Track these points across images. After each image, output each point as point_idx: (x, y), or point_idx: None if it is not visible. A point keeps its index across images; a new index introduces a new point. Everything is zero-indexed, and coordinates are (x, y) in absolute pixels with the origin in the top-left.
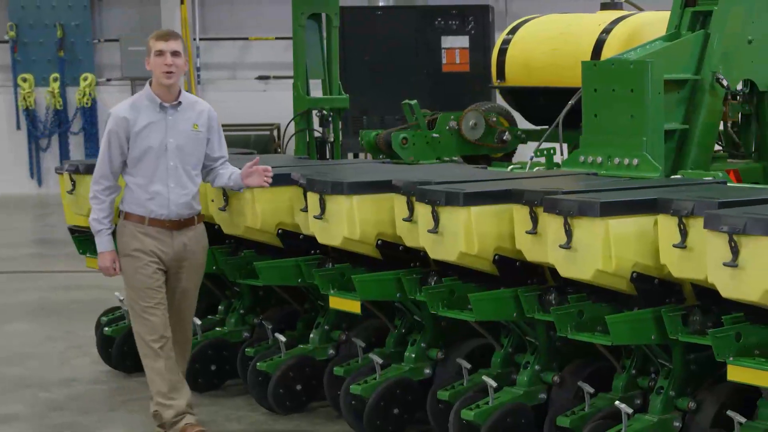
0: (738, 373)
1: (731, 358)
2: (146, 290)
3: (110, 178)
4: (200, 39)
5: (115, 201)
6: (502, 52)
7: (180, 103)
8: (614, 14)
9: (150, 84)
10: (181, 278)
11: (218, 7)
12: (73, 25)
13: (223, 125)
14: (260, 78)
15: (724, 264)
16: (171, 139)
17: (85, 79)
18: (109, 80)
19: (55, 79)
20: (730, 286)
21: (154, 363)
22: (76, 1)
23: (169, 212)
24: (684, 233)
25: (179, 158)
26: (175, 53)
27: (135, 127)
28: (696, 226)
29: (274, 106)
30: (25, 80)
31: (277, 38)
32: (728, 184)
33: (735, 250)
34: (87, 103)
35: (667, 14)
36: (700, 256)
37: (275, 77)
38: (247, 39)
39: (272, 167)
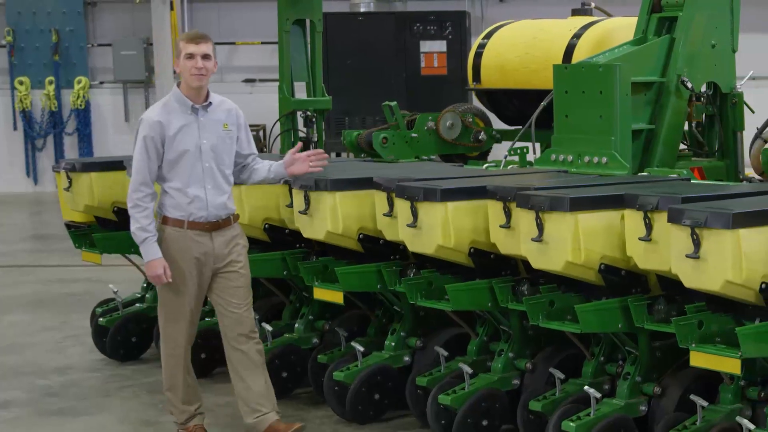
0: (700, 359)
1: (694, 345)
2: (181, 296)
3: (150, 185)
4: None
5: (154, 208)
6: (478, 55)
7: (210, 103)
8: (584, 20)
9: (178, 86)
10: (227, 278)
11: (206, 13)
12: (67, 31)
13: None
14: (247, 81)
15: (687, 256)
16: (204, 141)
17: (79, 81)
18: (102, 83)
19: (51, 82)
20: (693, 277)
21: (176, 366)
22: (71, 7)
23: (207, 214)
24: (649, 227)
25: (214, 159)
26: (205, 56)
27: (169, 130)
28: (660, 220)
29: (261, 107)
30: (21, 83)
31: (263, 43)
32: (692, 181)
33: (697, 243)
34: (81, 105)
35: (634, 20)
36: (665, 249)
37: (261, 80)
38: (234, 43)
39: None
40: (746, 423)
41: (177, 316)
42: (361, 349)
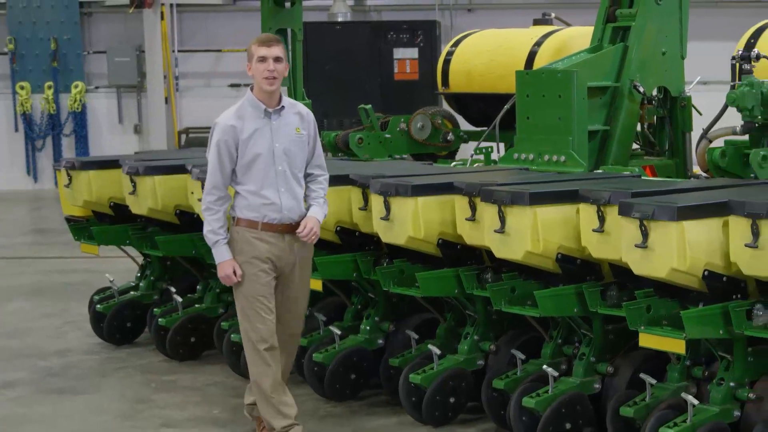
0: (649, 340)
1: (643, 328)
2: (259, 298)
3: (222, 188)
4: (178, 51)
5: (227, 211)
6: (447, 62)
7: (283, 107)
8: (545, 29)
9: (252, 90)
10: (294, 281)
11: (194, 22)
12: (65, 39)
13: (198, 128)
14: (232, 86)
15: (636, 246)
16: (277, 144)
17: (76, 86)
18: (97, 87)
19: (49, 87)
20: (641, 265)
21: (262, 370)
22: (68, 17)
23: (281, 216)
24: (602, 219)
25: (287, 162)
26: (277, 59)
27: (243, 134)
28: (612, 213)
29: None
30: (22, 88)
31: (247, 50)
32: (642, 178)
33: (645, 234)
34: (78, 108)
35: (591, 29)
36: (616, 239)
37: (245, 85)
38: (220, 51)
39: None
40: (691, 399)
41: (257, 316)
42: (339, 332)
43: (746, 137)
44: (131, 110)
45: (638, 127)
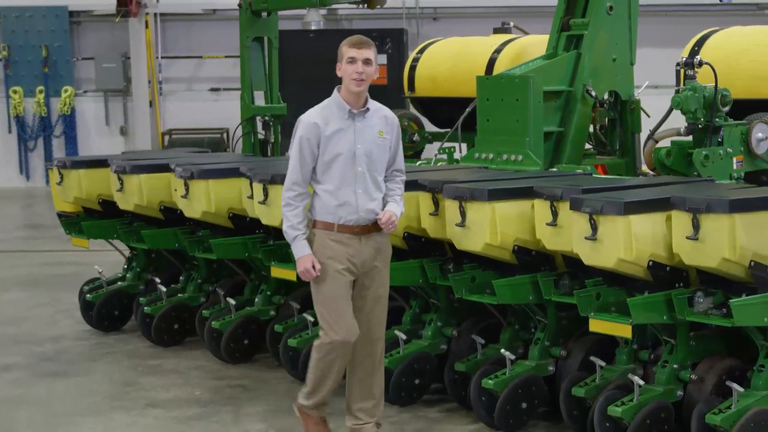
0: (598, 326)
1: (593, 314)
2: (336, 299)
3: (302, 185)
4: (162, 57)
5: (306, 207)
6: (413, 68)
7: (368, 109)
8: (504, 37)
9: (338, 90)
10: (373, 283)
11: (177, 30)
12: (55, 46)
13: (181, 130)
14: (212, 90)
15: (586, 238)
16: (359, 146)
17: (66, 91)
18: (85, 92)
19: (41, 91)
20: (591, 256)
21: (330, 367)
22: (58, 25)
23: (357, 218)
24: (555, 214)
25: (367, 164)
26: (366, 61)
27: (325, 132)
28: (564, 208)
29: (224, 113)
30: (15, 92)
31: (226, 56)
32: (593, 175)
33: (594, 227)
34: (67, 111)
35: (546, 37)
36: (568, 232)
37: (225, 89)
38: (201, 57)
39: (224, 163)
40: (637, 380)
41: (334, 314)
42: (312, 319)
43: (690, 138)
44: (118, 113)
45: (591, 129)
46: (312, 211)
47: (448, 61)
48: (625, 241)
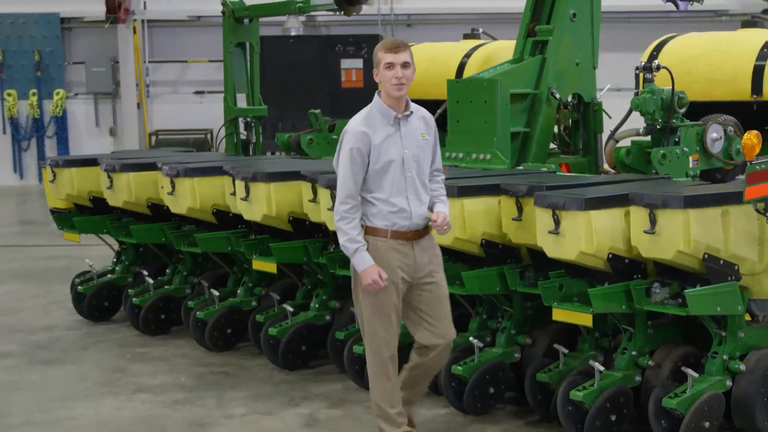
0: (561, 315)
1: (556, 304)
2: (383, 308)
3: (355, 197)
4: (149, 61)
5: (360, 218)
6: None
7: (411, 113)
8: (473, 42)
9: (379, 95)
10: (427, 288)
11: (163, 36)
12: (47, 51)
13: (167, 130)
14: (197, 92)
15: (549, 232)
16: (407, 151)
17: (58, 93)
18: (76, 94)
19: (34, 94)
20: (554, 249)
21: (382, 381)
22: (50, 32)
23: (410, 224)
24: (520, 209)
25: (415, 169)
26: (404, 65)
27: (375, 140)
28: (529, 203)
29: (209, 114)
30: (9, 95)
31: (210, 61)
32: (557, 173)
33: (557, 221)
34: (59, 113)
35: (513, 43)
36: (532, 226)
37: (209, 92)
38: (186, 62)
39: (208, 162)
40: (598, 366)
41: (382, 325)
42: (291, 309)
43: (648, 138)
44: (107, 114)
45: (555, 129)
46: (365, 218)
47: (421, 65)
48: (586, 235)
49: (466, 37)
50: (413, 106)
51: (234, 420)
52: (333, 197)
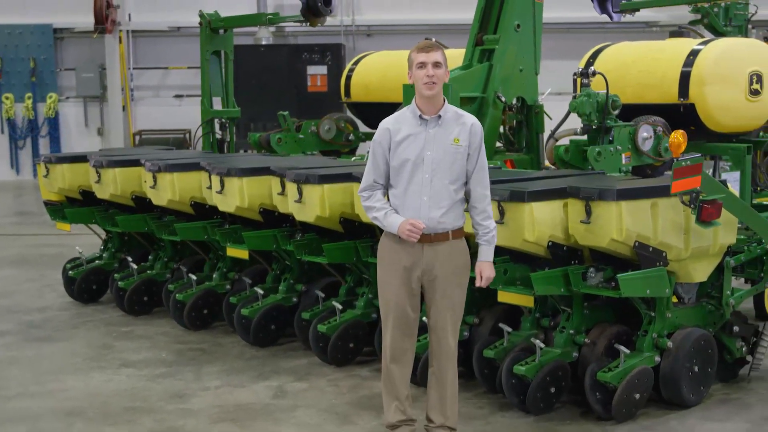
0: (505, 297)
1: (501, 287)
2: (392, 304)
3: (373, 188)
4: (133, 68)
5: (384, 194)
6: (349, 77)
7: (440, 116)
8: None
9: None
10: (436, 293)
11: (146, 45)
12: (41, 58)
13: (150, 130)
14: (177, 96)
15: (496, 222)
16: (428, 152)
17: (51, 97)
18: (68, 98)
19: (29, 97)
20: (500, 237)
21: (385, 396)
22: (44, 41)
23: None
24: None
25: (435, 172)
26: (436, 64)
27: (396, 137)
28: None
29: (187, 116)
30: (7, 98)
31: (189, 67)
32: (502, 169)
33: (502, 212)
34: (52, 115)
35: (463, 51)
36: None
37: (188, 95)
38: (167, 68)
39: (186, 158)
40: (539, 343)
41: (388, 324)
42: (261, 292)
43: (585, 137)
44: (95, 116)
45: (501, 129)
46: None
47: (380, 72)
48: (528, 225)
49: None
50: (452, 109)
51: (210, 392)
52: (300, 191)
